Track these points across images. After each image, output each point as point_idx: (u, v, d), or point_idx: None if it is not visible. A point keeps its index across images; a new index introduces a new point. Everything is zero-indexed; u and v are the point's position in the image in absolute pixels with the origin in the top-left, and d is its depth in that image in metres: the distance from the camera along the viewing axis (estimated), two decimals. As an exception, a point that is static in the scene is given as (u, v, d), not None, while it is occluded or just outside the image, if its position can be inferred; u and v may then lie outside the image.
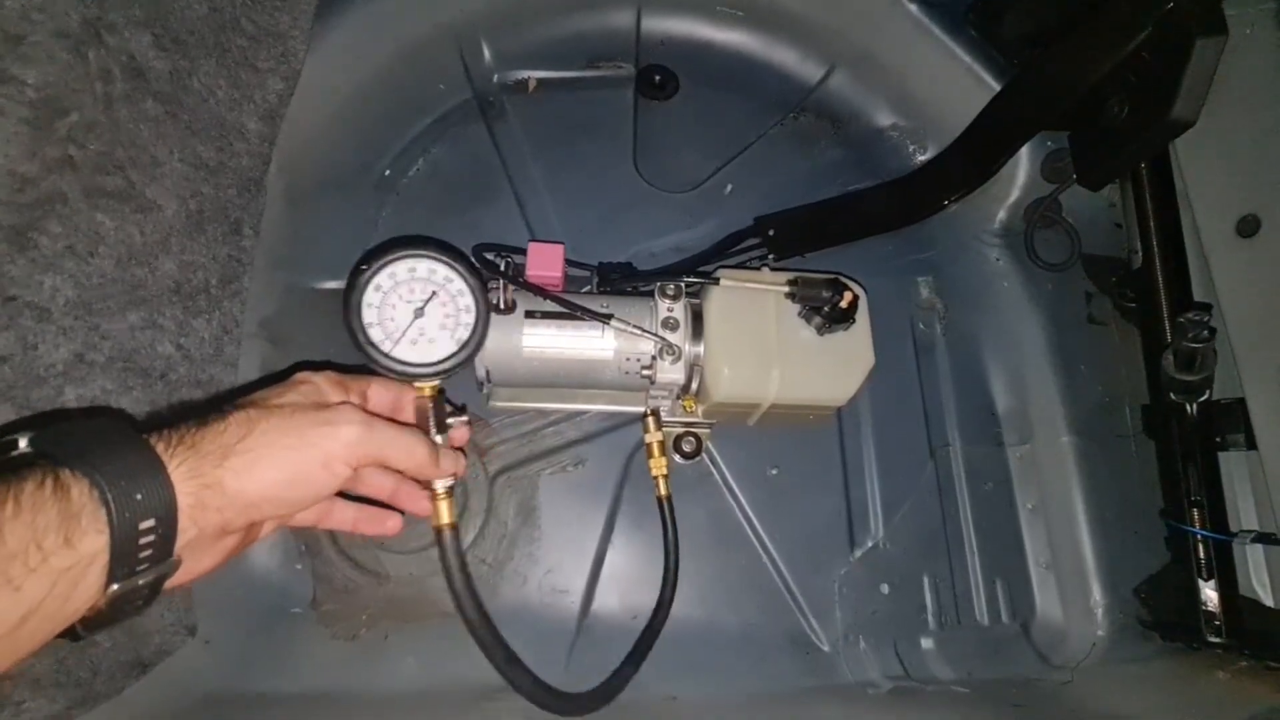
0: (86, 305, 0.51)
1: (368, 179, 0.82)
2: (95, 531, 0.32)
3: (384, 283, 0.52)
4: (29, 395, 0.47)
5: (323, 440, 0.40)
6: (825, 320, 0.65)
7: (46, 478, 0.31)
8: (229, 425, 0.38)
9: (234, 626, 0.64)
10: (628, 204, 0.85)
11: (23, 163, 0.45)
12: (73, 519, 0.31)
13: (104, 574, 0.32)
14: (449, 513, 0.50)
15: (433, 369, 0.51)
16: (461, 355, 0.52)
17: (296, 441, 0.39)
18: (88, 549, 0.31)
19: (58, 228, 0.48)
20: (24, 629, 0.30)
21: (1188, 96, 0.66)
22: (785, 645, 0.73)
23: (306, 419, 0.41)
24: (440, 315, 0.52)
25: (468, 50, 0.87)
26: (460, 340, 0.52)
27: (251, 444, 0.38)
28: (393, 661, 0.65)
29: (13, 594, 0.29)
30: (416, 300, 0.52)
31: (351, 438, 0.41)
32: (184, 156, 0.61)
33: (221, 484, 0.36)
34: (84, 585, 0.32)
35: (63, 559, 0.31)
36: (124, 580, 0.33)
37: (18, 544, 0.29)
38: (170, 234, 0.59)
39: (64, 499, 0.31)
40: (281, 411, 0.40)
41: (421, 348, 0.51)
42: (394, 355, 0.50)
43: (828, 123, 0.94)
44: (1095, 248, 0.88)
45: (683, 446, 0.76)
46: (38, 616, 0.30)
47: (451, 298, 0.53)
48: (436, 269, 0.53)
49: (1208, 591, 0.71)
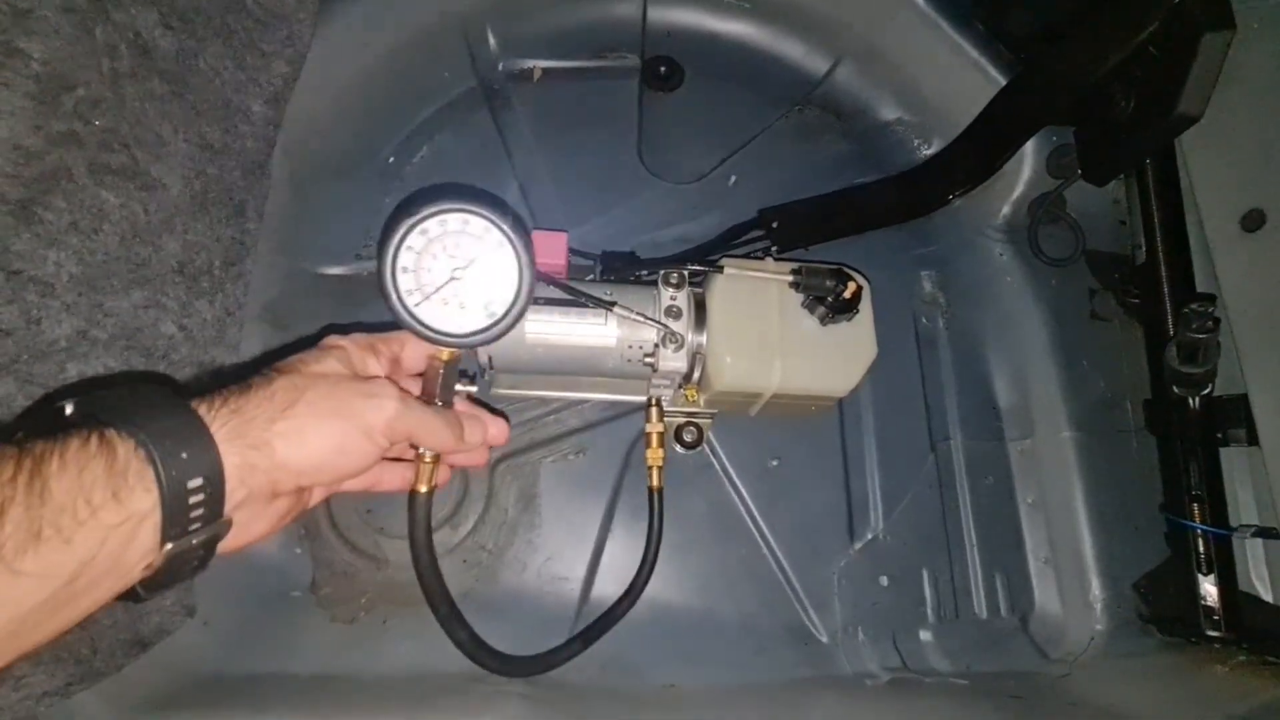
0: (90, 282, 0.51)
1: (372, 165, 0.82)
2: (144, 490, 0.32)
3: (432, 229, 0.47)
4: (32, 370, 0.47)
5: (366, 412, 0.41)
6: (829, 310, 0.65)
7: (92, 435, 0.32)
8: (276, 391, 0.39)
9: (233, 608, 0.64)
10: (631, 194, 0.85)
11: (28, 136, 0.45)
12: (119, 475, 0.32)
13: (157, 533, 0.33)
14: (428, 479, 0.50)
15: (453, 338, 0.47)
16: (490, 332, 0.48)
17: (343, 410, 0.40)
18: (137, 506, 0.32)
19: (62, 203, 0.48)
20: (79, 584, 0.30)
21: (1194, 91, 0.66)
22: (784, 636, 0.73)
23: (350, 390, 0.41)
24: (480, 282, 0.47)
25: (473, 38, 0.87)
26: (493, 315, 0.48)
27: (299, 411, 0.38)
28: (390, 645, 0.65)
29: (63, 546, 0.29)
30: (459, 259, 0.47)
31: (391, 413, 0.42)
32: (189, 136, 0.61)
33: (270, 446, 0.37)
34: (137, 544, 0.32)
35: (112, 514, 0.31)
36: (178, 540, 0.34)
37: (65, 497, 0.30)
38: (174, 214, 0.59)
39: (110, 455, 0.32)
40: (326, 380, 0.41)
41: (451, 312, 0.47)
42: (416, 312, 0.46)
43: (833, 116, 0.93)
44: (1099, 244, 0.88)
45: (684, 436, 0.76)
46: (92, 572, 0.31)
47: (497, 266, 0.48)
48: (491, 231, 0.47)
49: (1207, 586, 0.71)
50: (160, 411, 0.34)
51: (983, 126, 0.84)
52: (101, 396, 0.35)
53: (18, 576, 0.28)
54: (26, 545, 0.29)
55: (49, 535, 0.29)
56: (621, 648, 0.68)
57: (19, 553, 0.28)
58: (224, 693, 0.57)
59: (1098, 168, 0.80)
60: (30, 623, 0.30)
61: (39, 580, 0.29)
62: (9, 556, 0.28)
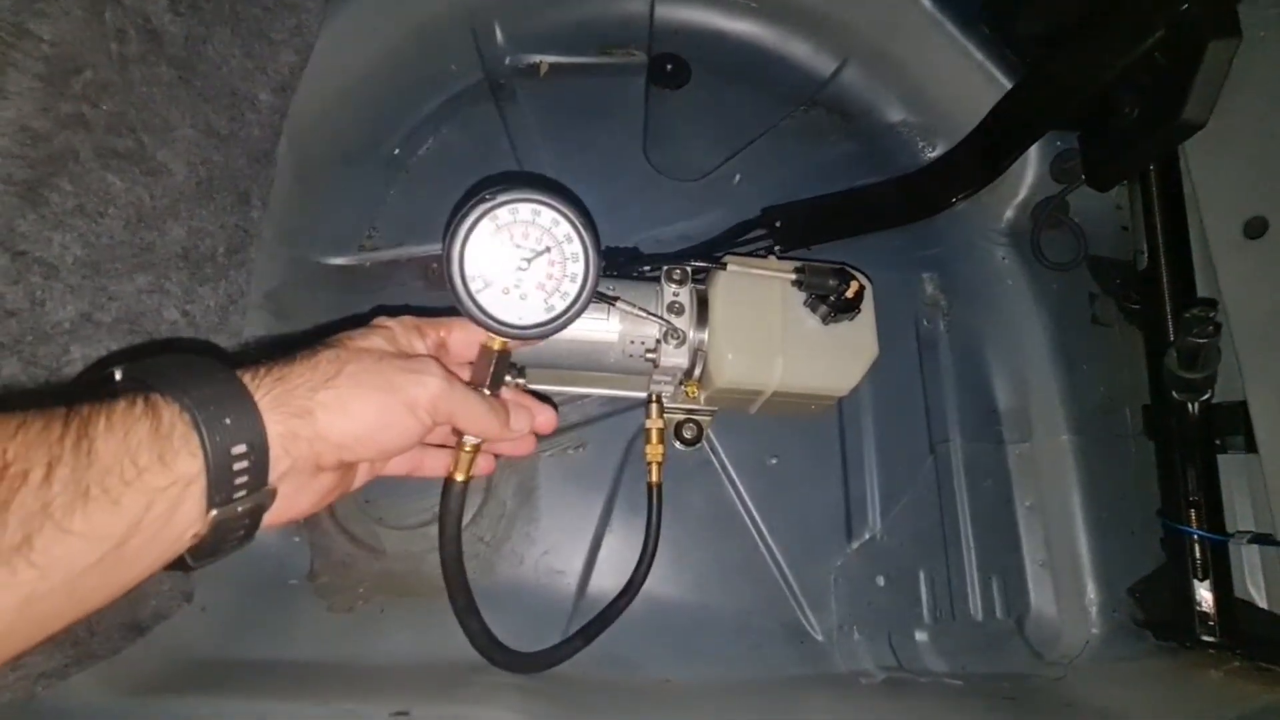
0: (95, 265, 0.51)
1: (377, 156, 0.82)
2: (189, 454, 0.32)
3: (503, 217, 0.46)
4: (36, 351, 0.47)
5: (410, 386, 0.41)
6: (831, 309, 0.65)
7: (138, 398, 0.32)
8: (320, 362, 0.39)
9: (231, 595, 0.64)
10: (636, 191, 0.85)
11: (36, 118, 0.45)
12: (164, 439, 0.32)
13: (203, 498, 0.33)
14: (466, 468, 0.49)
15: (511, 329, 0.47)
16: (548, 327, 0.47)
17: (386, 384, 0.40)
18: (183, 470, 0.32)
19: (68, 185, 0.48)
20: (128, 547, 0.31)
21: (1199, 98, 0.66)
22: (780, 633, 0.73)
23: (394, 365, 0.41)
24: (543, 275, 0.47)
25: (481, 32, 0.87)
26: (553, 310, 0.47)
27: (342, 382, 0.38)
28: (387, 635, 0.65)
29: (111, 507, 0.30)
30: (526, 249, 0.47)
31: (435, 390, 0.42)
32: (195, 123, 0.61)
33: (312, 415, 0.37)
34: (184, 509, 0.32)
35: (158, 477, 0.31)
36: (223, 506, 0.34)
37: (112, 458, 0.30)
38: (179, 199, 0.59)
39: (155, 419, 0.32)
40: (370, 355, 0.41)
41: (511, 302, 0.47)
42: (478, 298, 0.46)
43: (838, 117, 0.94)
44: (1101, 249, 0.88)
45: (684, 433, 0.76)
46: (140, 536, 0.31)
47: (563, 260, 0.47)
48: (560, 224, 0.47)
49: (1202, 592, 0.71)
50: (205, 379, 0.34)
51: (987, 130, 0.85)
52: (149, 364, 0.35)
53: (68, 535, 0.29)
54: (75, 505, 0.29)
55: (96, 495, 0.29)
56: (617, 642, 0.68)
57: (68, 513, 0.29)
58: (220, 677, 0.57)
59: (1101, 173, 0.80)
60: (83, 584, 0.30)
61: (89, 541, 0.29)
62: (58, 515, 0.28)
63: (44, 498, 0.28)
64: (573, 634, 0.63)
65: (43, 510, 0.28)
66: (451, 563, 0.52)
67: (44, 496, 0.28)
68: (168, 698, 0.51)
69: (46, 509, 0.28)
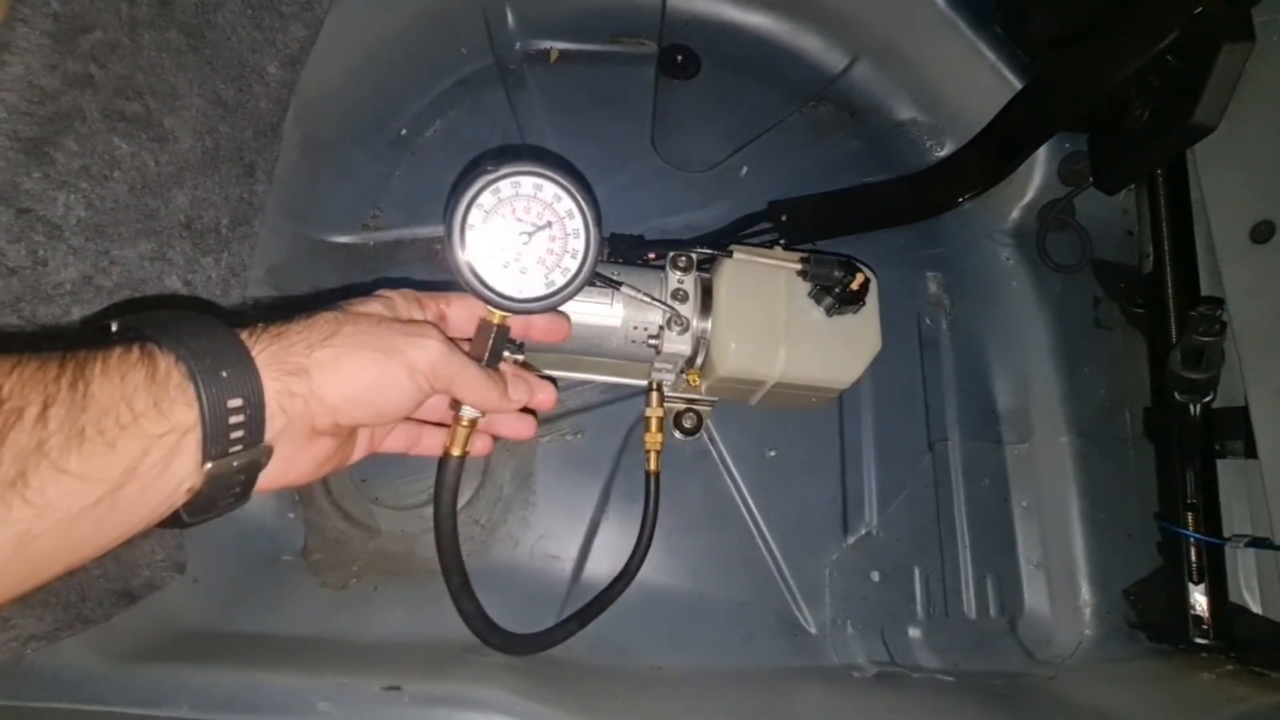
0: (98, 228, 0.50)
1: (384, 136, 0.82)
2: (185, 404, 0.32)
3: (505, 190, 0.46)
4: (36, 310, 0.46)
5: (409, 348, 0.41)
6: (836, 301, 0.65)
7: (134, 346, 0.32)
8: (317, 322, 0.39)
9: (223, 568, 0.64)
10: (643, 180, 0.85)
11: (43, 75, 0.45)
12: (161, 387, 0.32)
13: (198, 450, 0.33)
14: (462, 443, 0.49)
15: (511, 301, 0.46)
16: (548, 300, 0.47)
17: (384, 345, 0.40)
18: (179, 419, 0.32)
19: (74, 145, 0.48)
20: (124, 493, 0.30)
21: (1210, 102, 0.66)
22: (773, 625, 0.73)
23: (392, 328, 0.41)
24: (544, 249, 0.47)
25: (492, 15, 0.87)
26: (552, 284, 0.47)
27: (338, 342, 0.38)
28: (380, 613, 0.65)
29: (107, 449, 0.30)
30: (527, 224, 0.47)
31: (435, 354, 0.41)
32: (203, 92, 0.60)
33: (308, 372, 0.37)
34: (179, 460, 0.32)
35: (154, 423, 0.31)
36: (219, 459, 0.33)
37: (108, 400, 0.30)
38: (185, 168, 0.59)
39: (151, 366, 0.32)
40: (368, 318, 0.41)
41: (512, 275, 0.47)
42: (479, 271, 0.46)
43: (847, 113, 0.94)
44: (1106, 253, 0.88)
45: (684, 423, 0.76)
46: (136, 483, 0.31)
47: (563, 235, 0.47)
48: (562, 199, 0.47)
49: (1197, 595, 0.71)
50: (202, 332, 0.34)
51: (996, 130, 0.85)
52: (146, 315, 0.35)
53: (63, 475, 0.28)
54: (71, 445, 0.29)
55: (92, 436, 0.29)
56: (611, 628, 0.68)
57: (64, 452, 0.28)
58: (211, 648, 0.57)
59: (1110, 175, 0.81)
60: (79, 529, 0.30)
61: (85, 483, 0.29)
62: (53, 454, 0.28)
63: (39, 435, 0.28)
64: (567, 617, 0.63)
65: (38, 448, 0.28)
66: (447, 539, 0.52)
67: (39, 434, 0.28)
68: (158, 666, 0.51)
69: (42, 447, 0.28)
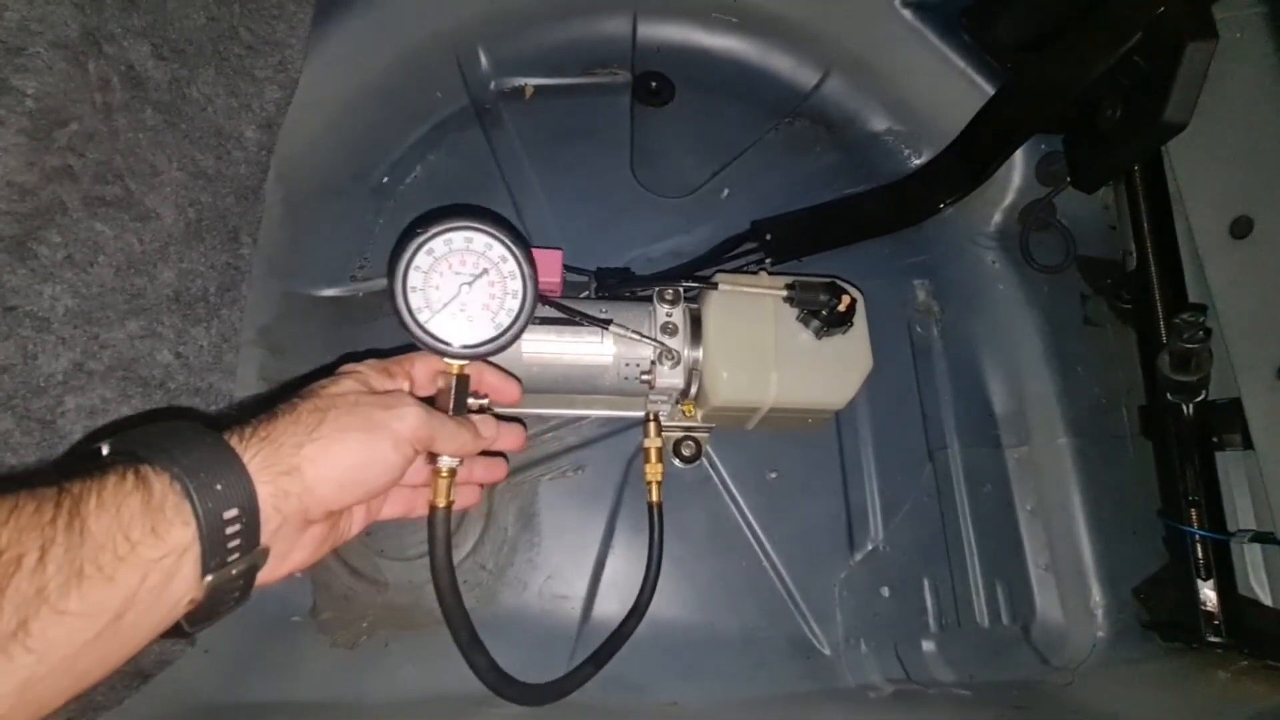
0: (86, 314, 0.51)
1: (365, 186, 0.83)
2: (181, 524, 0.33)
3: (438, 248, 0.50)
4: (29, 405, 0.47)
5: (391, 422, 0.42)
6: (823, 324, 0.65)
7: (127, 472, 0.32)
8: (301, 415, 0.40)
9: (234, 635, 0.64)
10: (625, 209, 0.86)
11: (22, 173, 0.46)
12: (157, 510, 0.32)
13: (197, 565, 0.33)
14: (445, 494, 0.51)
15: (463, 350, 0.49)
16: (498, 341, 0.50)
17: (365, 424, 0.41)
18: (176, 540, 0.32)
19: (57, 237, 0.48)
20: (125, 621, 0.31)
21: (1179, 100, 0.67)
22: (786, 649, 0.73)
23: (371, 403, 0.43)
24: (486, 295, 0.50)
25: (465, 58, 0.88)
26: (500, 326, 0.50)
27: (325, 432, 0.39)
28: (392, 669, 0.65)
29: (106, 584, 0.30)
30: (466, 274, 0.50)
31: (414, 420, 0.43)
32: (182, 165, 0.61)
33: (300, 470, 0.37)
34: (179, 578, 0.33)
35: (152, 549, 0.31)
36: (218, 571, 0.34)
37: (105, 535, 0.30)
38: (169, 242, 0.59)
39: (146, 491, 0.32)
40: (346, 400, 0.42)
41: (459, 325, 0.50)
42: (428, 326, 0.49)
43: (823, 128, 0.94)
44: (1090, 250, 0.88)
45: (682, 451, 0.76)
46: (136, 609, 0.31)
47: (502, 279, 0.51)
48: (494, 246, 0.50)
49: (1206, 591, 0.71)
50: (193, 445, 0.35)
51: (972, 135, 0.85)
52: (135, 434, 0.35)
53: (63, 616, 0.29)
54: (70, 585, 0.29)
55: (91, 573, 0.29)
56: (622, 665, 0.68)
57: (63, 594, 0.29)
58: (226, 722, 0.57)
59: (1086, 175, 0.81)
60: (82, 661, 0.30)
61: (85, 619, 0.29)
62: (53, 598, 0.28)
63: (39, 582, 0.28)
64: (583, 661, 0.63)
65: (38, 594, 0.28)
66: (448, 593, 0.52)
67: (39, 581, 0.28)
68: (173, 745, 0.51)
69: (42, 593, 0.28)
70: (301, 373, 0.72)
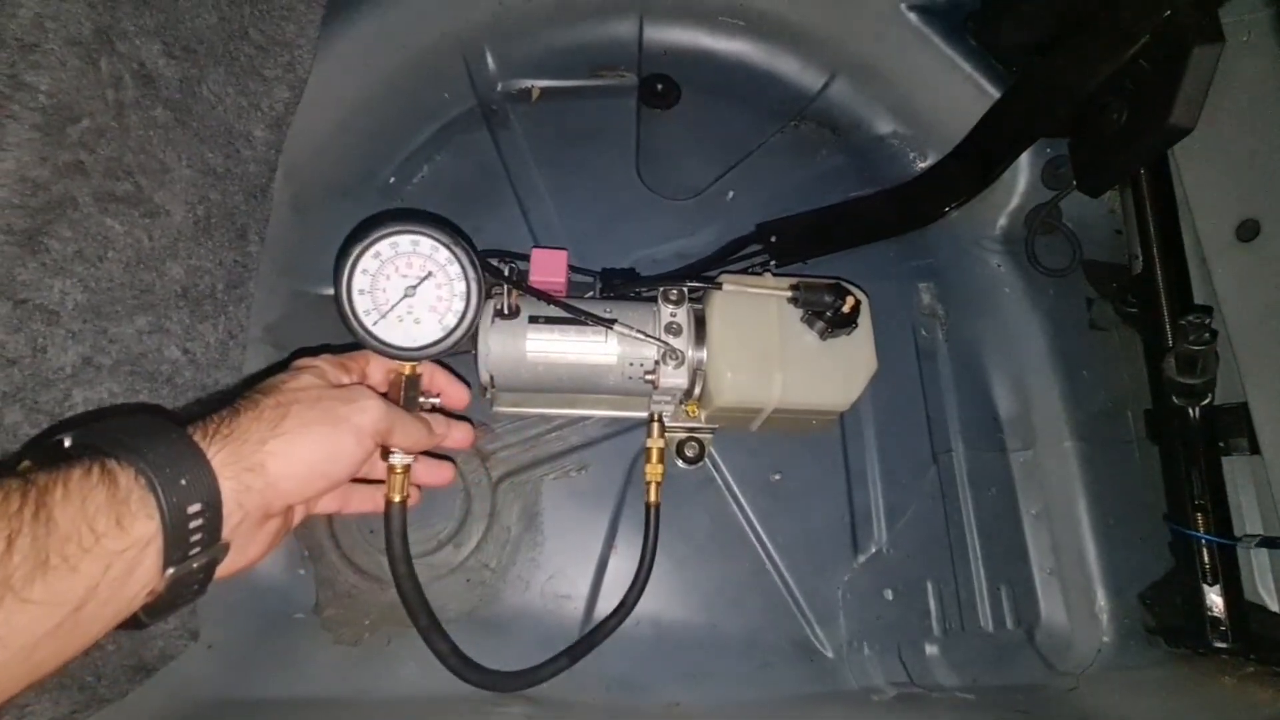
0: (95, 309, 0.51)
1: (372, 186, 0.83)
2: (145, 517, 0.33)
3: (384, 251, 0.51)
4: (38, 398, 0.47)
5: (353, 415, 0.43)
6: (828, 325, 0.65)
7: (93, 465, 0.33)
8: (264, 411, 0.40)
9: (237, 631, 0.64)
10: (630, 211, 0.86)
11: (34, 168, 0.46)
12: (122, 503, 0.32)
13: (159, 558, 0.34)
14: (400, 489, 0.52)
15: (410, 352, 0.51)
16: (445, 343, 0.51)
17: (329, 418, 0.42)
18: (140, 533, 0.33)
19: (68, 232, 0.49)
20: (85, 611, 0.31)
21: (1186, 103, 0.67)
22: (789, 651, 0.72)
23: (333, 398, 0.43)
24: (432, 297, 0.51)
25: (472, 59, 0.88)
26: (446, 327, 0.51)
27: (288, 427, 0.40)
28: (395, 666, 0.65)
29: (70, 574, 0.30)
30: (411, 277, 0.51)
31: (375, 413, 0.44)
32: (192, 163, 0.61)
33: (264, 467, 0.38)
34: (140, 570, 0.33)
35: (115, 542, 0.32)
36: (179, 564, 0.34)
37: (70, 526, 0.31)
38: (178, 239, 0.60)
39: (112, 484, 0.32)
40: (308, 394, 0.43)
41: (407, 327, 0.51)
42: (374, 330, 0.50)
43: (828, 131, 0.94)
44: (1096, 253, 0.88)
45: (685, 452, 0.76)
46: (97, 599, 0.31)
47: (448, 281, 0.52)
48: (439, 250, 0.51)
49: (1213, 596, 0.70)
50: (158, 440, 0.35)
51: (977, 139, 0.85)
52: (100, 428, 0.36)
53: (27, 605, 0.29)
54: (35, 574, 0.29)
55: (56, 564, 0.30)
56: (625, 666, 0.68)
57: (28, 582, 0.29)
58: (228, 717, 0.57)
59: (1092, 179, 0.81)
60: (40, 650, 0.30)
61: (47, 608, 0.30)
62: (18, 586, 0.29)
63: (5, 570, 0.28)
64: (558, 653, 0.63)
65: (4, 583, 0.28)
66: (406, 582, 0.54)
67: (5, 569, 0.28)
68: (176, 740, 0.51)
69: (7, 581, 0.28)
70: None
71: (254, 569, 0.66)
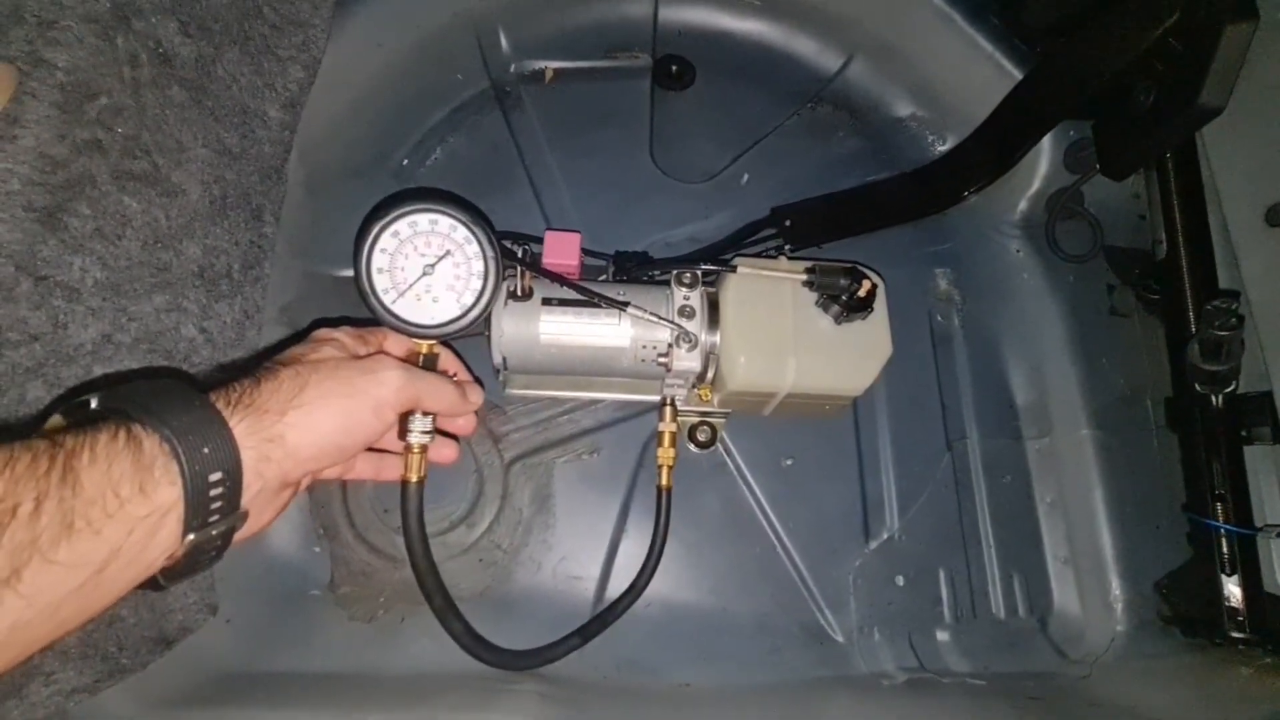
0: (114, 286, 0.52)
1: (386, 168, 0.83)
2: (168, 483, 0.34)
3: (403, 230, 0.51)
4: (59, 373, 0.48)
5: (372, 387, 0.43)
6: (843, 309, 0.64)
7: (120, 430, 0.33)
8: (283, 382, 0.40)
9: (254, 607, 0.65)
10: (644, 194, 0.85)
11: (53, 145, 0.46)
12: (146, 470, 0.33)
13: (180, 524, 0.34)
14: (417, 469, 0.53)
15: (429, 330, 0.51)
16: (463, 321, 0.51)
17: (349, 390, 0.42)
18: (162, 499, 0.33)
19: (87, 209, 0.49)
20: (107, 573, 0.32)
21: (1216, 83, 0.65)
22: (799, 635, 0.73)
23: (352, 370, 0.43)
24: (450, 276, 0.52)
25: (486, 40, 0.88)
26: (464, 305, 0.52)
27: (308, 397, 0.40)
28: (408, 644, 0.66)
29: (94, 537, 0.31)
30: (430, 256, 0.51)
31: (397, 383, 0.44)
32: (208, 142, 0.61)
33: (283, 438, 0.39)
34: (161, 535, 0.34)
35: (139, 507, 0.32)
36: (199, 531, 0.35)
37: (95, 490, 0.31)
38: (194, 219, 0.60)
39: (137, 450, 0.33)
40: (327, 366, 0.43)
41: (425, 305, 0.51)
42: (393, 309, 0.50)
43: (845, 113, 0.93)
44: (1118, 239, 0.86)
45: (698, 436, 0.76)
46: (119, 562, 0.32)
47: (466, 260, 0.52)
48: (457, 228, 0.52)
49: (1231, 587, 0.70)
50: (182, 407, 0.35)
51: (998, 122, 0.84)
52: (125, 391, 0.36)
53: (53, 565, 0.30)
54: (61, 537, 0.30)
55: (80, 527, 0.30)
56: (636, 647, 0.68)
57: (54, 544, 0.30)
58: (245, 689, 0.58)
59: (1116, 162, 0.79)
60: (64, 609, 0.31)
61: (72, 569, 0.31)
62: (45, 548, 0.30)
63: (33, 532, 0.29)
64: (569, 633, 0.64)
65: (31, 543, 0.29)
66: (422, 562, 0.54)
67: (33, 530, 0.29)
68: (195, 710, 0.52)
69: (35, 542, 0.29)
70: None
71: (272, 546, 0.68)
